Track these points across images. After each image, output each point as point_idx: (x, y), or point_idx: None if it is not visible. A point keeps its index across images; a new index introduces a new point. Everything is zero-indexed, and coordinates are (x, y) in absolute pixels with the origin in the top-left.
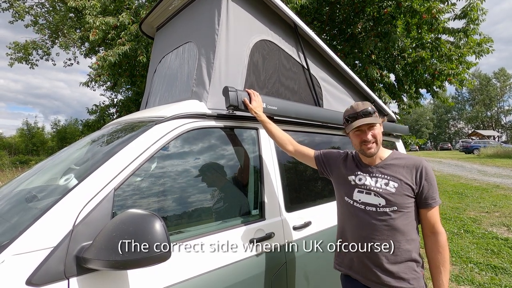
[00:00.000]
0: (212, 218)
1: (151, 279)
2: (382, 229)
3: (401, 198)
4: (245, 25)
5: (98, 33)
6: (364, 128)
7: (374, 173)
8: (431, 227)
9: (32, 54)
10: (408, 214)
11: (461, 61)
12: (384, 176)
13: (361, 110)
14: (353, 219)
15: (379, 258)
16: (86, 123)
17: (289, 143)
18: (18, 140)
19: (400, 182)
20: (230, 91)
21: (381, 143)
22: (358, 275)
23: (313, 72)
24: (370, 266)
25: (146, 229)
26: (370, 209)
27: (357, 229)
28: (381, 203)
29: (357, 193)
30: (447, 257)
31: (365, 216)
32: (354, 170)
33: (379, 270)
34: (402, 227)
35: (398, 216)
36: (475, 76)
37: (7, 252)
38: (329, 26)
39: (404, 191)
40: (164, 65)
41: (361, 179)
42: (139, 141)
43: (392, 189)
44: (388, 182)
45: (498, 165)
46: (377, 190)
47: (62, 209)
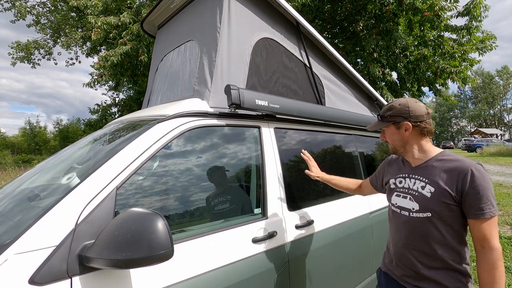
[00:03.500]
0: (214, 216)
1: (154, 278)
2: (415, 235)
3: (436, 204)
4: (247, 23)
5: (99, 33)
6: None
7: (414, 174)
8: (480, 240)
9: (34, 54)
10: (446, 222)
11: (464, 59)
12: (422, 179)
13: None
14: (391, 222)
15: (414, 263)
16: (88, 123)
17: (357, 185)
18: (21, 139)
19: (438, 187)
20: (232, 89)
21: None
22: (395, 276)
23: (315, 70)
24: (405, 270)
25: (149, 228)
26: (404, 213)
27: (394, 232)
28: (414, 208)
29: (395, 196)
30: (498, 279)
31: (400, 220)
32: (395, 174)
33: (415, 274)
34: (438, 235)
35: (432, 223)
36: (477, 74)
37: (9, 251)
38: (330, 24)
39: (440, 198)
40: (165, 63)
41: (401, 181)
42: (141, 140)
43: (427, 194)
44: (424, 186)
45: (501, 163)
46: (412, 193)
47: (65, 208)
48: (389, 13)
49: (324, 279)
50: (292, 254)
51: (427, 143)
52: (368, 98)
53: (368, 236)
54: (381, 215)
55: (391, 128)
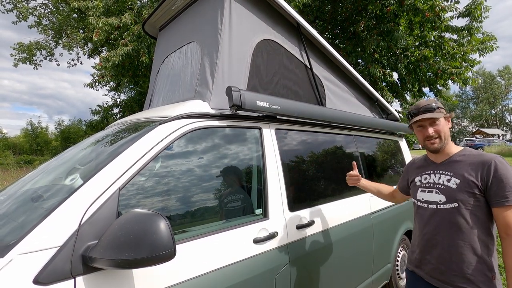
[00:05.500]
0: (215, 217)
1: (156, 278)
2: (443, 227)
3: (462, 194)
4: (248, 25)
5: (101, 34)
6: (426, 124)
7: (439, 170)
8: (505, 227)
9: (36, 55)
10: (473, 212)
11: (464, 59)
12: (448, 173)
13: (423, 106)
14: (418, 218)
15: (441, 256)
16: (90, 124)
17: (391, 195)
18: (22, 140)
19: (463, 178)
20: (234, 91)
21: (448, 139)
22: (422, 271)
23: (316, 71)
24: (432, 263)
25: (151, 229)
26: (432, 206)
27: (420, 227)
28: (441, 200)
29: (420, 192)
30: None
31: (427, 214)
32: (420, 172)
33: (442, 267)
34: (465, 225)
35: (460, 213)
36: (479, 74)
37: (14, 251)
38: (331, 25)
39: (466, 188)
40: (167, 65)
41: (426, 178)
42: (143, 141)
43: (453, 185)
44: (450, 179)
45: None
46: (438, 186)
47: (68, 208)
48: (390, 14)
49: (325, 279)
50: (293, 255)
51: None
52: (368, 98)
53: (369, 237)
54: (382, 216)
55: (443, 119)
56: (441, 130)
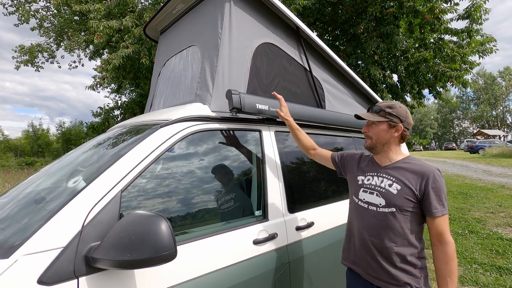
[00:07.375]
0: (216, 218)
1: (157, 279)
2: (380, 229)
3: (401, 200)
4: (247, 29)
5: (102, 36)
6: (369, 123)
7: (381, 173)
8: (437, 236)
9: (38, 57)
10: (408, 218)
11: (464, 61)
12: (390, 178)
13: (374, 105)
14: (357, 217)
15: (377, 256)
16: (91, 125)
17: (312, 147)
18: (24, 142)
19: (403, 185)
20: (233, 94)
21: (385, 144)
22: (360, 268)
23: (315, 74)
24: (369, 262)
25: (152, 230)
26: (372, 208)
27: (359, 226)
28: (381, 203)
29: (362, 192)
30: (454, 269)
31: (367, 214)
32: (365, 171)
33: (377, 266)
34: (400, 229)
35: (396, 218)
36: (479, 75)
37: (19, 252)
38: (331, 27)
39: (405, 195)
40: (168, 68)
41: (369, 179)
42: (145, 144)
43: (394, 191)
44: (392, 184)
45: (503, 165)
46: (380, 190)
47: (71, 210)
48: (389, 16)
49: (325, 280)
50: (292, 256)
51: (400, 148)
52: (368, 100)
53: None
54: None
55: (384, 125)
56: (374, 134)
